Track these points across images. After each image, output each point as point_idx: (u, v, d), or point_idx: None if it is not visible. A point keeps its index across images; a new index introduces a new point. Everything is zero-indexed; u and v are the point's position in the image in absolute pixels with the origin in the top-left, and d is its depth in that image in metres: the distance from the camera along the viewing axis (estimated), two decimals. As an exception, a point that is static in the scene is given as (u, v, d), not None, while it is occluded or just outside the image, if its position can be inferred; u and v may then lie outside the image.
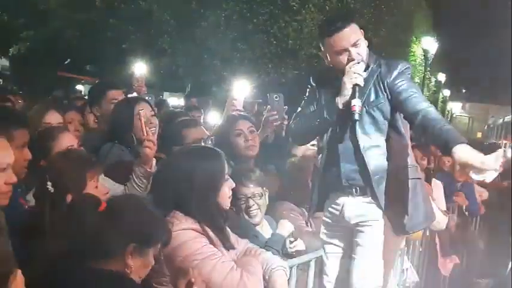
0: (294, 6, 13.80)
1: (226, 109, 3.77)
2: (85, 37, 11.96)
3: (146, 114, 2.99)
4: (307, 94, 2.86)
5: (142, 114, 2.89)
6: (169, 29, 12.55)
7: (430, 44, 22.49)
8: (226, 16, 12.94)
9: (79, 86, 15.08)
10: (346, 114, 2.61)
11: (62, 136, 2.65)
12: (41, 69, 12.60)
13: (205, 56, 12.83)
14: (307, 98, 2.85)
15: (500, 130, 24.59)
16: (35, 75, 12.34)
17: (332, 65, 2.71)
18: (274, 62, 13.90)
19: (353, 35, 2.63)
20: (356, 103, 2.55)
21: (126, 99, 3.47)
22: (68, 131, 2.90)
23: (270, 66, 13.89)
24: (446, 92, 36.77)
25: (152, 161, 2.74)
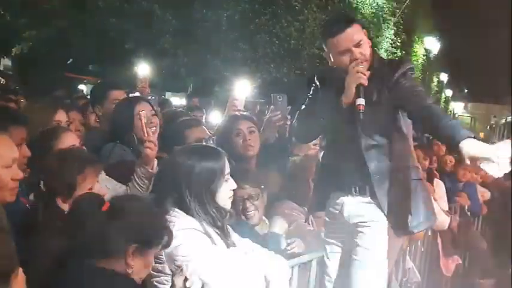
0: (296, 6, 13.80)
1: (227, 109, 3.77)
2: (87, 37, 11.96)
3: (147, 114, 2.99)
4: (311, 92, 2.86)
5: (143, 114, 2.87)
6: (171, 29, 12.54)
7: (432, 44, 22.50)
8: (228, 16, 12.93)
9: (81, 86, 15.09)
10: (349, 113, 2.61)
11: (65, 135, 2.66)
12: (44, 69, 12.61)
13: (207, 56, 12.82)
14: (311, 96, 2.85)
15: (502, 130, 24.58)
16: (38, 75, 12.35)
17: (335, 66, 2.71)
18: (276, 62, 13.88)
19: (356, 35, 2.63)
20: (360, 102, 2.55)
21: (126, 99, 3.46)
22: (70, 131, 2.91)
23: (272, 66, 13.87)
24: (448, 92, 36.71)
25: (154, 162, 2.74)
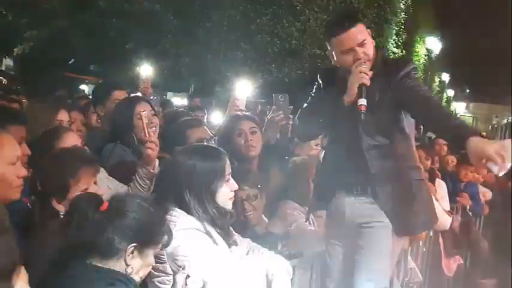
0: (298, 6, 13.79)
1: (228, 109, 3.77)
2: (88, 37, 11.97)
3: (147, 114, 2.99)
4: (313, 91, 2.85)
5: (144, 115, 2.86)
6: (172, 29, 12.55)
7: (434, 44, 22.48)
8: (229, 16, 12.94)
9: (82, 86, 15.10)
10: (351, 113, 2.59)
11: (66, 135, 2.66)
12: (45, 69, 12.62)
13: (208, 56, 12.83)
14: (313, 95, 2.84)
15: (504, 130, 24.50)
16: (39, 75, 12.36)
17: (338, 65, 2.70)
18: (277, 62, 13.87)
19: (359, 35, 2.62)
20: (363, 102, 2.54)
21: (126, 99, 3.46)
22: (72, 131, 2.91)
23: (273, 66, 13.87)
24: (450, 92, 36.66)
25: (155, 162, 2.73)
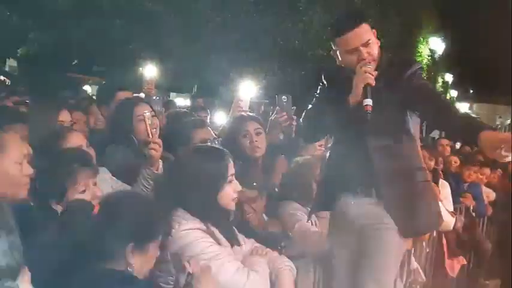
0: (301, 7, 13.79)
1: (232, 110, 3.77)
2: (92, 38, 12.00)
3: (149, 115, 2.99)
4: (318, 91, 2.84)
5: (147, 116, 2.85)
6: (175, 30, 12.57)
7: (437, 44, 22.42)
8: (232, 17, 12.95)
9: (86, 87, 15.14)
10: (356, 113, 2.57)
11: (71, 135, 2.67)
12: (49, 70, 12.67)
13: (211, 57, 12.84)
14: (318, 96, 2.83)
15: (507, 130, 24.47)
16: (43, 75, 12.41)
17: (343, 65, 2.69)
18: (280, 63, 13.88)
19: (364, 35, 2.61)
20: (368, 103, 2.52)
21: (125, 100, 3.46)
22: (77, 131, 2.92)
23: (277, 67, 13.88)
24: (453, 93, 36.58)
25: (158, 163, 2.74)
